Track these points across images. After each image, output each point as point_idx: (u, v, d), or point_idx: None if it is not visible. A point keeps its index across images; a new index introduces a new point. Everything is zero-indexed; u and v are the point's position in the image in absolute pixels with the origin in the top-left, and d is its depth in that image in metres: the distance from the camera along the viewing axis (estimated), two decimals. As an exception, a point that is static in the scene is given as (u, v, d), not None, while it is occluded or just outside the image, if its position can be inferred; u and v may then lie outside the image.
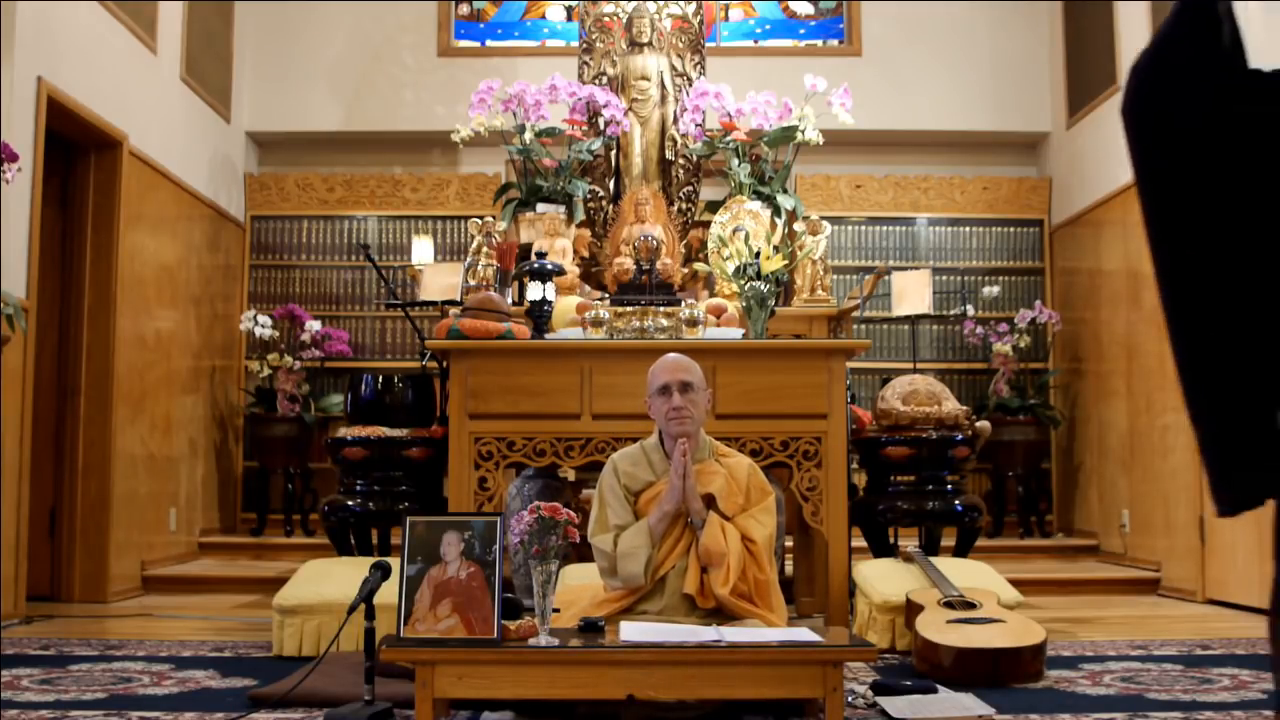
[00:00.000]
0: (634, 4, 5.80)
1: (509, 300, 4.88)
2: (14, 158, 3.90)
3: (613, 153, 5.74)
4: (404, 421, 4.52)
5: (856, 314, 5.92)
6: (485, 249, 5.17)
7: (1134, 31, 6.16)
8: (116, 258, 5.40)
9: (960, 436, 4.56)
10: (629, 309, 4.22)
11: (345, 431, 4.52)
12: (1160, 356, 5.88)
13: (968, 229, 7.41)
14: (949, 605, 3.68)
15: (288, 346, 6.78)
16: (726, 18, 7.66)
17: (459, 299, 5.23)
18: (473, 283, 5.08)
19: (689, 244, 5.59)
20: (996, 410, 6.75)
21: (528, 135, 5.49)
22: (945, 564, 4.15)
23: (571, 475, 5.08)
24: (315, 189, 7.39)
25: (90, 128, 5.20)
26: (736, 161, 5.51)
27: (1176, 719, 2.93)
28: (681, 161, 5.74)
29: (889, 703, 3.02)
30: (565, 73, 5.74)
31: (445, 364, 4.37)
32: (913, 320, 6.67)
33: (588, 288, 5.40)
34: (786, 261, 4.51)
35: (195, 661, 3.68)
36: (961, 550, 4.64)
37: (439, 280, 5.60)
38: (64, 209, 5.38)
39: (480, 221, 5.24)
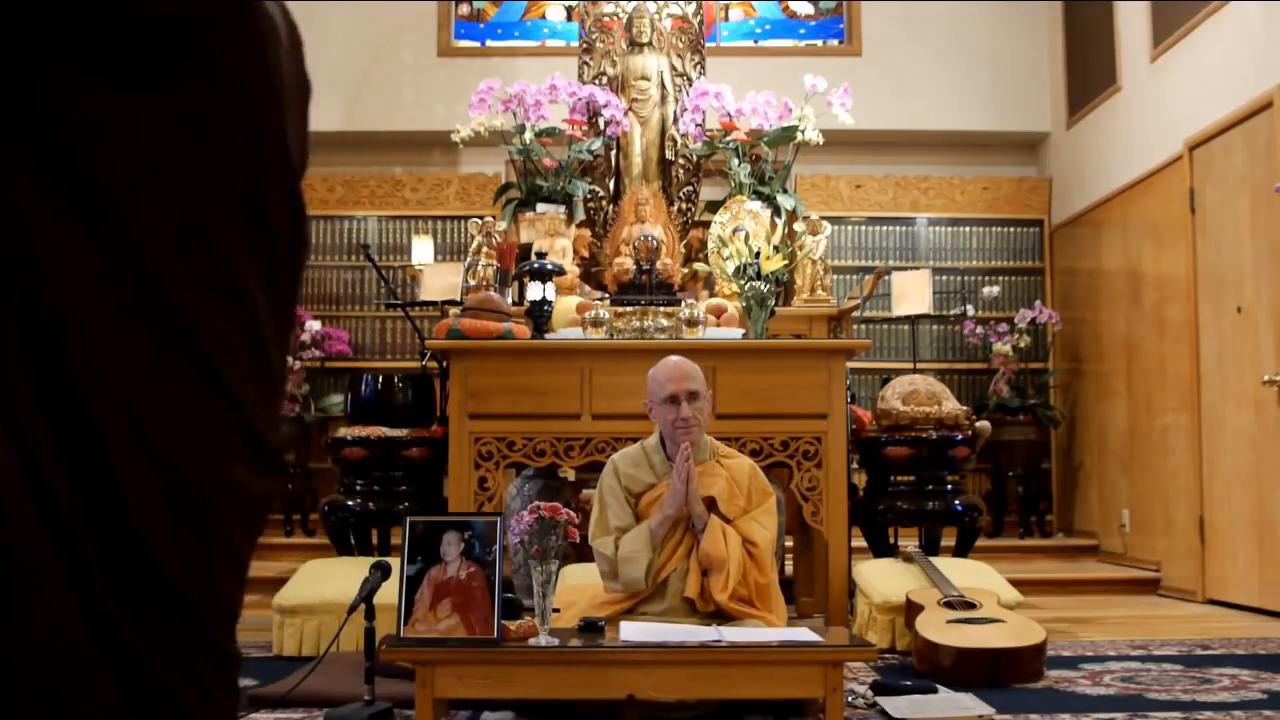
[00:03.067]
0: (634, 4, 5.80)
1: (509, 300, 4.87)
2: (14, 158, 3.90)
3: (613, 153, 5.73)
4: (404, 421, 4.52)
5: (856, 314, 5.92)
6: (485, 249, 5.17)
7: (1134, 31, 6.16)
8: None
9: (960, 436, 4.56)
10: (629, 309, 4.22)
11: (345, 431, 4.52)
12: (1160, 357, 5.89)
13: (968, 229, 7.41)
14: (949, 605, 3.68)
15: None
16: (726, 18, 7.66)
17: (459, 299, 5.23)
18: (473, 283, 5.08)
19: (689, 244, 5.59)
20: (996, 410, 6.75)
21: (528, 135, 5.49)
22: (945, 564, 4.15)
23: (571, 475, 5.08)
24: (315, 189, 7.38)
25: (90, 128, 5.19)
26: (736, 161, 5.50)
27: (1176, 719, 2.93)
28: (681, 161, 5.73)
29: (889, 703, 3.02)
30: (565, 73, 5.74)
31: (445, 364, 4.37)
32: (913, 320, 6.67)
33: (588, 288, 5.40)
34: (786, 261, 4.51)
35: (195, 661, 3.67)
36: (961, 550, 4.64)
37: (439, 280, 5.61)
38: (64, 209, 5.37)
39: (480, 221, 5.24)
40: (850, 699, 3.07)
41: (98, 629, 0.74)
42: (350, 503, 4.46)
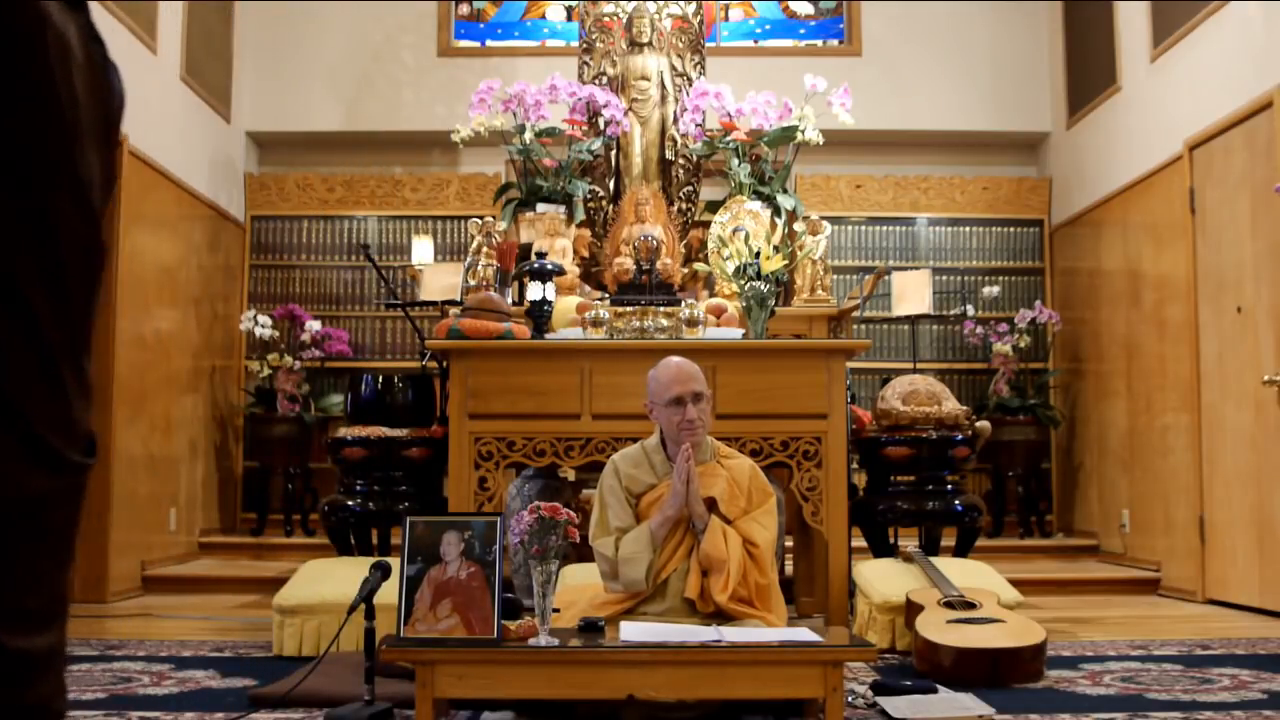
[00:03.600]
0: (634, 4, 5.80)
1: (509, 300, 4.88)
2: (14, 158, 3.90)
3: (613, 153, 5.74)
4: (404, 421, 4.52)
5: (856, 314, 5.92)
6: (485, 249, 5.17)
7: (1134, 31, 6.16)
8: (117, 258, 5.40)
9: (960, 436, 4.56)
10: (629, 309, 4.22)
11: (345, 431, 4.53)
12: (1160, 357, 5.89)
13: (968, 229, 7.41)
14: (949, 605, 3.68)
15: (288, 346, 6.78)
16: (726, 18, 7.66)
17: (459, 299, 5.23)
18: (473, 283, 5.08)
19: (689, 244, 5.59)
20: (996, 410, 6.75)
21: (528, 135, 5.49)
22: (945, 564, 4.15)
23: (571, 475, 5.08)
24: (315, 189, 7.38)
25: (90, 128, 5.19)
26: (736, 161, 5.51)
27: (1176, 719, 2.93)
28: (681, 161, 5.73)
29: (889, 703, 3.02)
30: (565, 73, 5.74)
31: (445, 364, 4.37)
32: (913, 320, 6.67)
33: (588, 288, 5.40)
34: (786, 261, 4.51)
35: (195, 661, 3.68)
36: (961, 550, 4.64)
37: (439, 280, 5.61)
38: (64, 209, 5.37)
39: (480, 221, 5.24)
40: (850, 699, 3.07)
41: None
42: (350, 503, 4.46)
